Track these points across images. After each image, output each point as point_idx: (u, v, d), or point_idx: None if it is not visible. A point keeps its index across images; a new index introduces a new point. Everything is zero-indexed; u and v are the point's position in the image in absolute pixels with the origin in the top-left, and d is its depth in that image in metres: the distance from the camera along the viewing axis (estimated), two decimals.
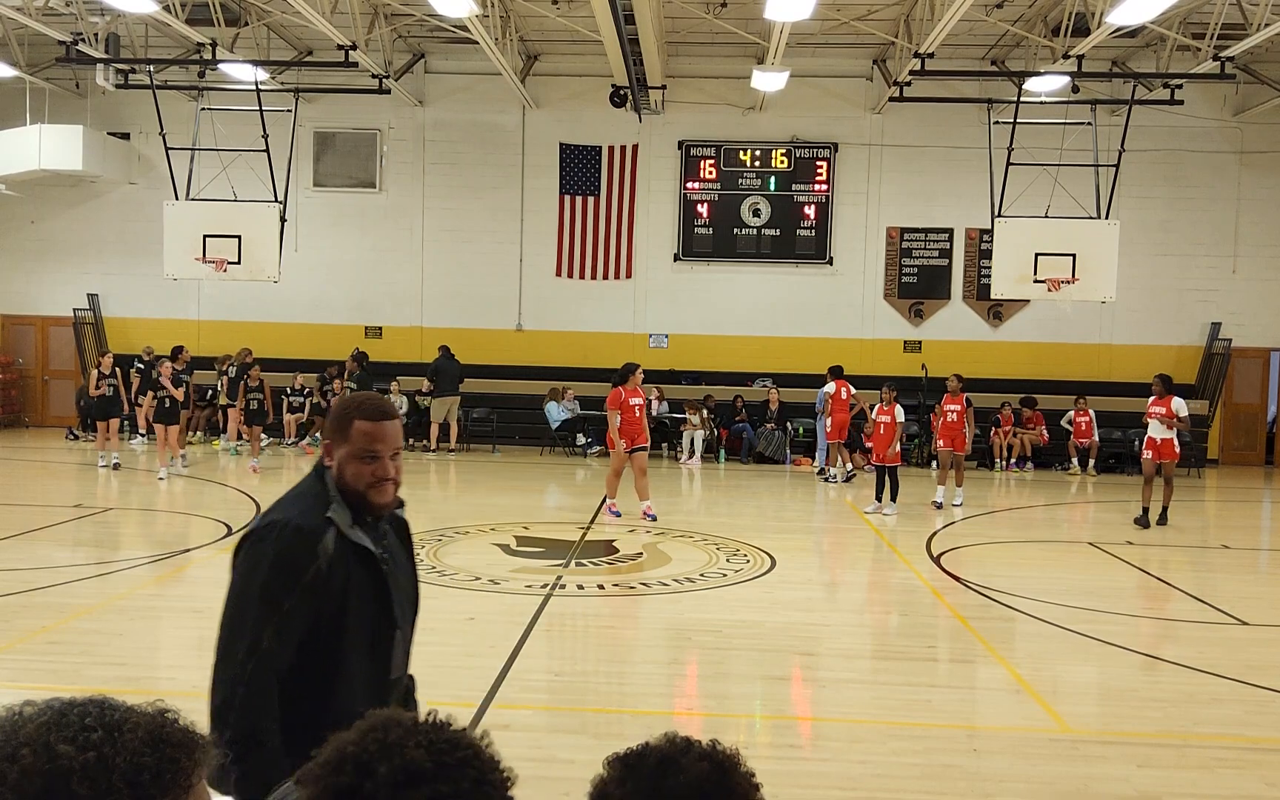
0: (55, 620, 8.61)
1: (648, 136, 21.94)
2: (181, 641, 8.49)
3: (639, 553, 11.85)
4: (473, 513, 14.64)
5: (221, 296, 21.67)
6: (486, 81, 20.92)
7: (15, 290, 22.88)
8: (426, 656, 7.89)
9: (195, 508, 14.27)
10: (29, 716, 1.01)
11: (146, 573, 10.53)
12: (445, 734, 1.25)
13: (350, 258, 22.16)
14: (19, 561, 10.53)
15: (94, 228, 22.58)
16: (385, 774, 1.18)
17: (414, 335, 21.70)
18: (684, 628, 9.11)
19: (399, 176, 22.32)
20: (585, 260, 22.14)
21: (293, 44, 20.56)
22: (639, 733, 5.88)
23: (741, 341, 21.92)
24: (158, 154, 20.20)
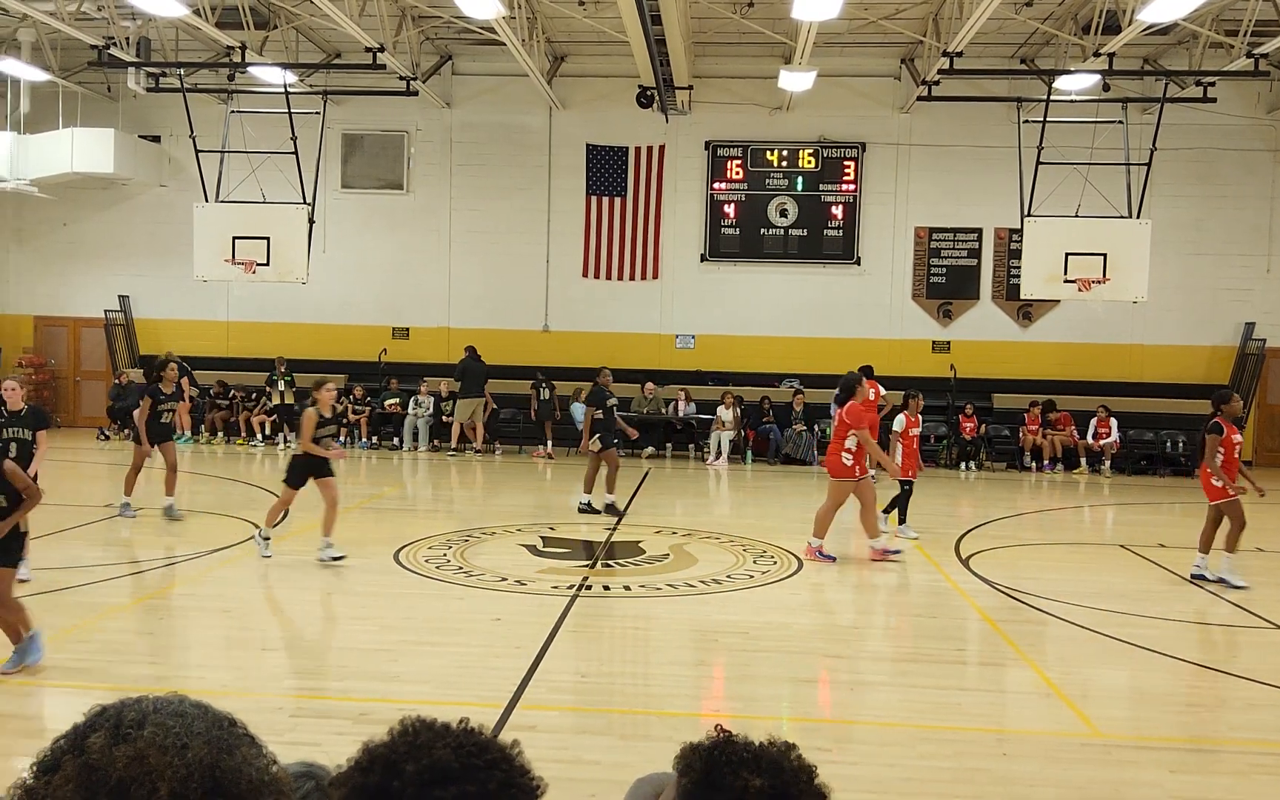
0: (86, 618, 8.68)
1: (674, 137, 21.91)
2: (210, 640, 8.54)
3: (665, 554, 11.82)
4: (499, 513, 14.66)
5: (251, 298, 21.82)
6: (513, 83, 20.96)
7: (48, 292, 23.14)
8: (453, 657, 7.96)
9: (224, 508, 14.36)
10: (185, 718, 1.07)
11: (176, 572, 10.61)
12: (474, 738, 1.26)
13: (378, 259, 22.26)
14: (51, 560, 10.62)
15: (125, 230, 22.80)
16: (412, 773, 1.19)
17: (441, 336, 21.77)
18: (710, 629, 9.08)
19: (426, 178, 22.40)
20: (612, 261, 22.15)
21: (321, 46, 20.68)
22: (665, 734, 5.92)
23: (768, 342, 21.85)
24: (188, 156, 20.37)
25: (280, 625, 8.97)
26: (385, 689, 7.08)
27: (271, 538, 11.04)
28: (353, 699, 6.89)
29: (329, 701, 6.91)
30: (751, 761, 1.46)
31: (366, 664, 7.73)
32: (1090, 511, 17.02)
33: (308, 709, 6.75)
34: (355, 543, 12.10)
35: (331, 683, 7.42)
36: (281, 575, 10.54)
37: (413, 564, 10.91)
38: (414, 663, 7.79)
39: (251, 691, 6.93)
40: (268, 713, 6.53)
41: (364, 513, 14.61)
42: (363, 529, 13.39)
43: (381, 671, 7.55)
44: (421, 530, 12.96)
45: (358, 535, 12.89)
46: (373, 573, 10.55)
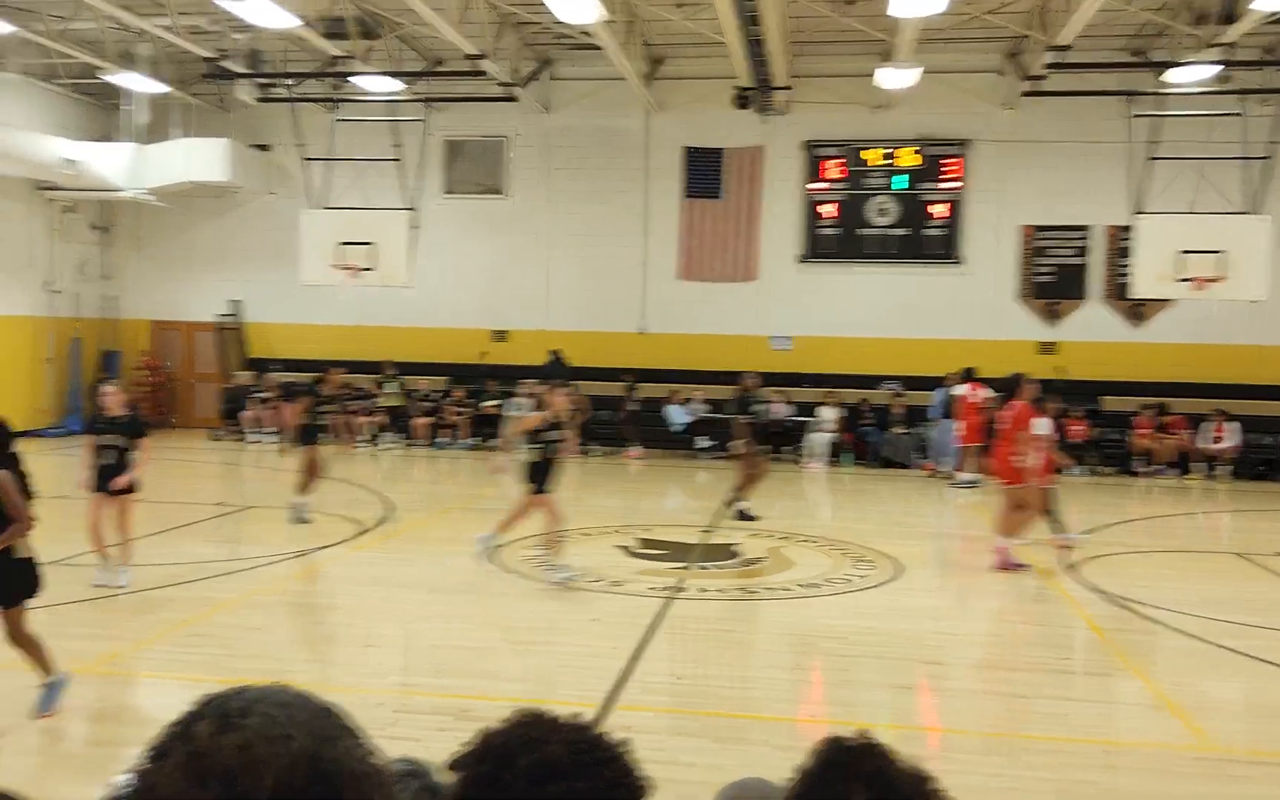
0: (197, 613, 8.98)
1: (772, 137, 21.76)
2: (315, 636, 8.77)
3: (762, 557, 11.75)
4: (595, 514, 14.74)
5: (355, 302, 22.31)
6: (611, 86, 21.06)
7: (164, 297, 24.02)
8: (551, 655, 8.02)
9: (328, 507, 14.71)
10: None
11: (282, 569, 10.90)
12: (587, 734, 1.27)
13: (478, 263, 22.58)
14: (164, 557, 11.02)
15: (236, 236, 23.54)
16: (525, 766, 1.21)
17: (539, 338, 21.97)
18: (807, 633, 8.99)
19: (525, 182, 22.65)
20: (708, 262, 22.10)
21: (423, 55, 21.07)
22: (762, 739, 5.86)
23: (867, 344, 21.54)
24: (296, 165, 20.97)
25: (382, 622, 9.16)
26: (484, 686, 7.18)
27: (495, 544, 10.58)
28: (453, 696, 6.99)
29: (430, 698, 7.02)
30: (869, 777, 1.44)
31: (466, 661, 7.84)
32: (1205, 518, 16.40)
33: (409, 705, 6.87)
34: (454, 542, 12.28)
35: (432, 679, 7.55)
36: (384, 573, 10.76)
37: (511, 563, 11.03)
38: (512, 661, 7.88)
39: (355, 687, 7.08)
40: (370, 708, 6.67)
41: (463, 512, 14.83)
42: (462, 528, 13.59)
43: (480, 669, 7.65)
44: (520, 530, 13.08)
45: (457, 534, 13.09)
46: (472, 572, 10.70)
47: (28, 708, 6.40)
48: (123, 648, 7.92)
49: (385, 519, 13.63)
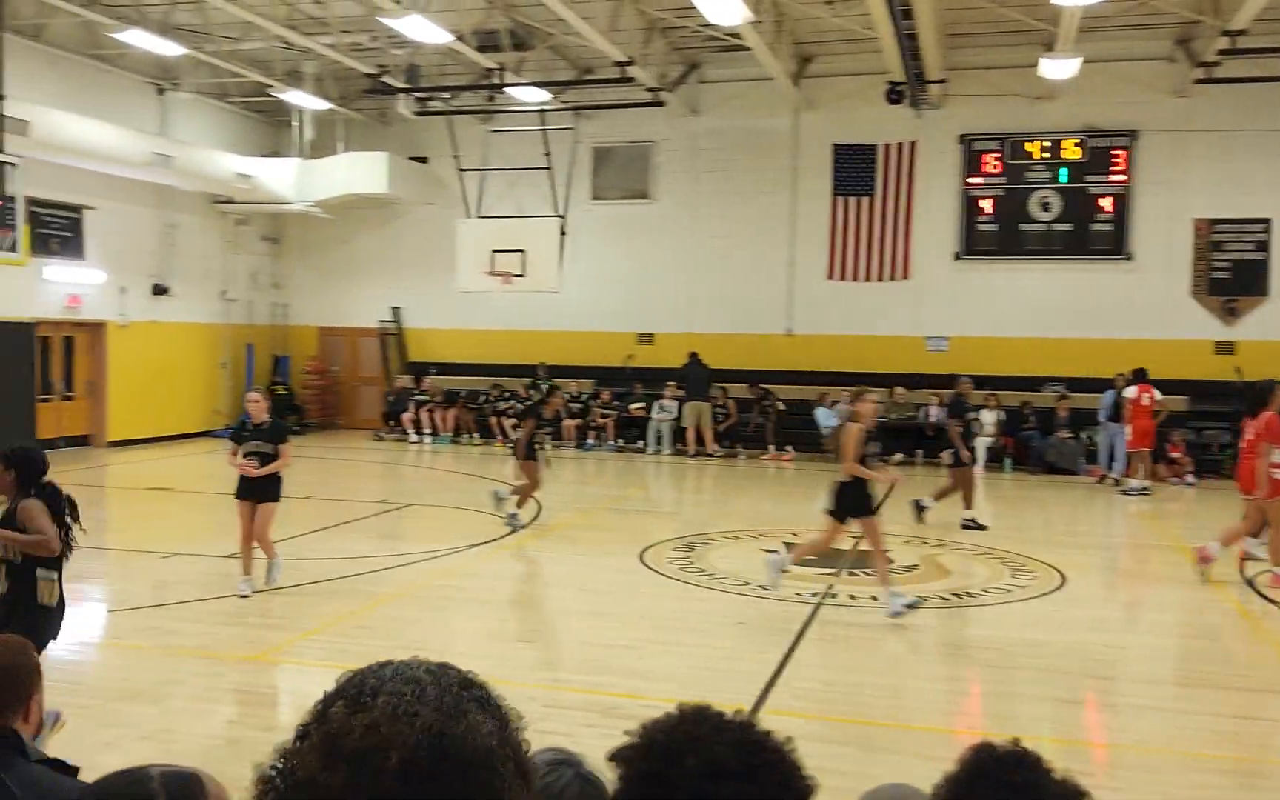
0: (360, 606, 9.31)
1: (926, 132, 21.23)
2: (471, 630, 8.96)
3: (915, 564, 11.44)
4: (741, 518, 14.65)
5: (507, 307, 22.79)
6: (759, 87, 20.92)
7: (329, 305, 25.05)
8: (696, 658, 7.98)
9: (480, 505, 15.03)
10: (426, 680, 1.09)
11: (440, 565, 11.18)
12: (753, 734, 1.26)
13: (624, 267, 22.76)
14: (331, 551, 11.46)
15: (396, 246, 24.36)
16: (692, 766, 1.20)
17: (684, 341, 21.97)
18: (963, 643, 8.71)
19: (672, 186, 22.71)
20: (859, 262, 21.70)
21: (573, 64, 21.38)
22: (914, 749, 5.67)
23: (1028, 344, 20.76)
24: (451, 175, 21.56)
25: (533, 618, 9.30)
26: (632, 685, 7.19)
27: (786, 567, 9.54)
28: (601, 693, 7.03)
29: (579, 694, 7.08)
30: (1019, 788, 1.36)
31: (614, 660, 7.88)
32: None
33: (559, 701, 6.94)
34: (602, 542, 12.40)
35: (581, 676, 7.61)
36: (534, 570, 10.94)
37: (657, 564, 11.05)
38: (659, 661, 7.88)
39: (507, 681, 7.15)
40: (521, 702, 6.67)
41: (610, 514, 14.97)
42: (610, 529, 13.72)
43: (628, 668, 7.67)
44: (665, 531, 13.12)
45: (604, 535, 13.23)
46: (619, 572, 10.77)
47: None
48: (290, 637, 8.26)
49: (535, 518, 13.85)
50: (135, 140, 19.32)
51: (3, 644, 2.83)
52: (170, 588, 9.91)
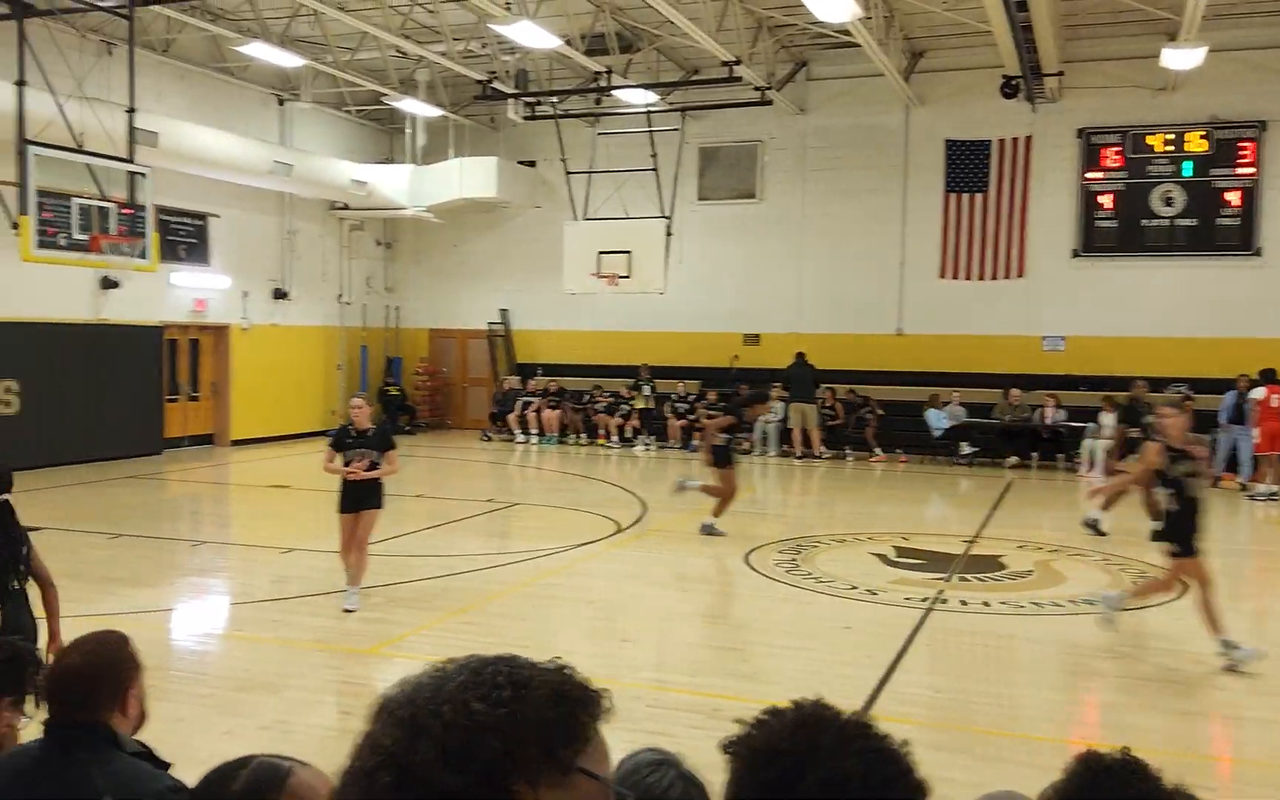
0: (470, 603, 9.47)
1: (1042, 126, 20.66)
2: (576, 629, 9.05)
3: (1029, 570, 11.15)
4: (849, 521, 14.48)
5: (613, 308, 22.94)
6: (869, 83, 20.64)
7: (441, 307, 25.57)
8: (802, 662, 7.91)
9: (585, 505, 15.17)
10: (450, 675, 1.12)
11: (546, 564, 11.31)
12: (876, 744, 1.23)
13: (730, 267, 22.68)
14: (442, 549, 11.71)
15: (504, 249, 24.73)
16: (815, 778, 1.18)
17: (791, 342, 21.79)
18: (1080, 652, 8.45)
19: (779, 185, 22.56)
20: (972, 260, 21.22)
21: (680, 65, 21.40)
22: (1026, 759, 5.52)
23: (1150, 344, 20.03)
24: (559, 178, 21.80)
25: (638, 618, 9.33)
26: (737, 687, 7.17)
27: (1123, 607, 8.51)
28: (706, 694, 7.02)
29: (683, 695, 7.08)
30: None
31: (719, 661, 7.86)
32: None
33: (663, 701, 6.96)
34: (706, 544, 12.36)
35: (686, 677, 7.61)
36: (639, 570, 10.98)
37: (762, 567, 10.99)
38: (764, 663, 7.84)
39: (611, 680, 7.22)
40: (626, 701, 6.81)
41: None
42: None
43: (733, 670, 7.65)
44: (771, 534, 13.03)
45: (709, 536, 13.19)
46: (724, 573, 10.74)
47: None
48: (402, 632, 8.45)
49: (640, 519, 13.91)
50: (258, 150, 20.04)
51: (98, 639, 2.89)
52: (289, 582, 10.25)
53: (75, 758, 2.61)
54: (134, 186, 14.33)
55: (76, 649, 2.81)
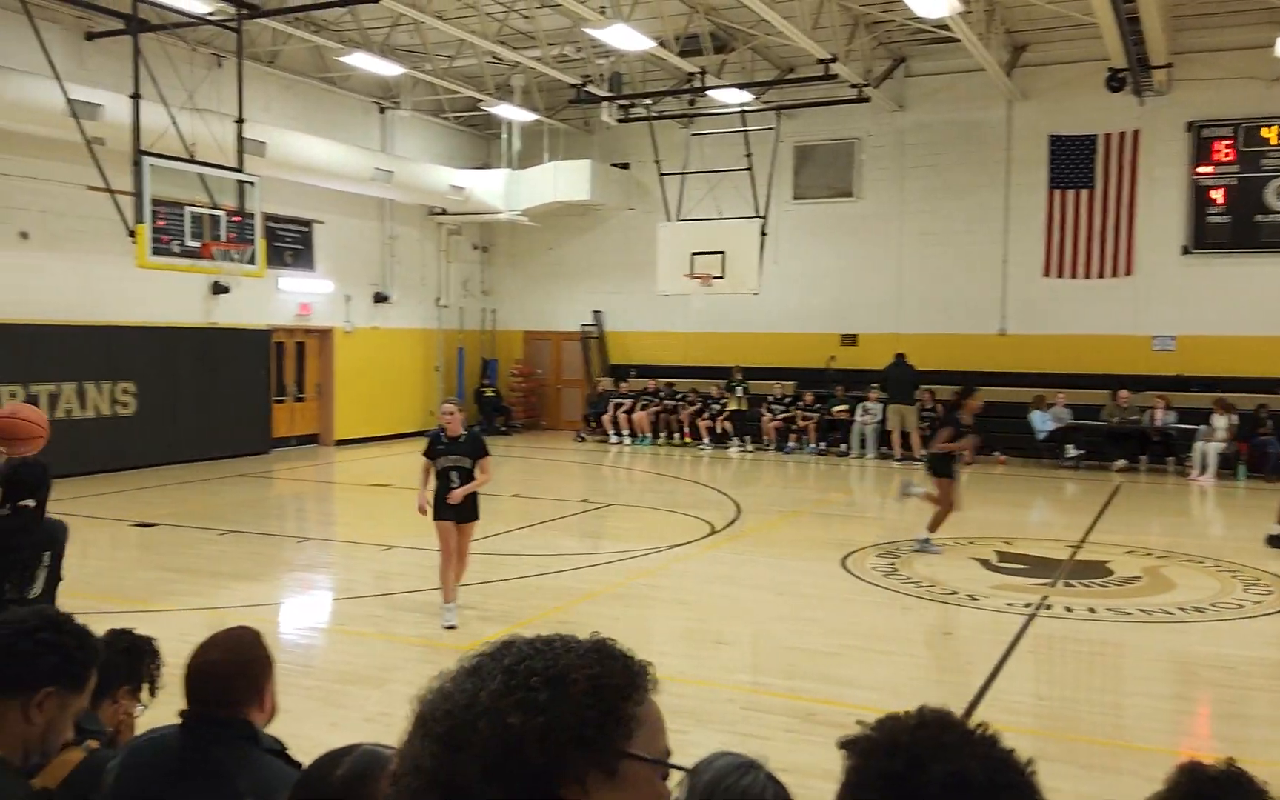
0: (563, 601, 9.56)
1: (1150, 120, 20.02)
2: (669, 630, 9.05)
3: (1137, 576, 10.81)
4: (949, 525, 14.20)
5: (706, 309, 22.92)
6: (969, 79, 20.26)
7: (535, 309, 25.85)
8: (901, 667, 7.80)
9: (677, 506, 15.17)
10: (485, 677, 1.11)
11: (639, 564, 11.34)
12: (998, 750, 1.22)
13: (827, 267, 22.46)
14: (536, 548, 11.83)
15: (598, 251, 24.89)
16: (938, 775, 1.16)
17: (890, 342, 21.49)
18: (1190, 661, 8.17)
19: (876, 183, 22.27)
20: (1077, 258, 20.66)
21: (775, 63, 21.28)
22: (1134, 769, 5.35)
23: (1266, 343, 19.24)
24: (652, 180, 21.86)
25: (732, 620, 9.30)
26: (832, 692, 7.09)
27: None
28: (800, 698, 6.97)
29: (778, 699, 7.04)
30: None
31: (814, 665, 7.79)
32: None
33: (758, 704, 6.93)
34: (803, 547, 12.27)
35: (780, 680, 7.56)
36: (733, 573, 10.94)
37: (860, 570, 10.86)
38: (861, 669, 7.74)
39: (705, 682, 7.23)
40: (720, 704, 6.80)
41: (811, 517, 14.81)
42: (811, 533, 13.58)
43: (829, 674, 7.58)
44: (868, 537, 12.88)
45: (806, 538, 13.10)
46: (821, 577, 10.64)
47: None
48: (498, 629, 8.55)
49: (735, 521, 13.86)
50: (360, 157, 20.52)
51: (237, 637, 2.90)
52: (391, 578, 10.47)
53: (215, 753, 2.63)
54: (243, 194, 14.80)
55: (216, 644, 2.83)
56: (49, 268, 16.22)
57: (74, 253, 16.52)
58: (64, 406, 16.27)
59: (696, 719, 6.20)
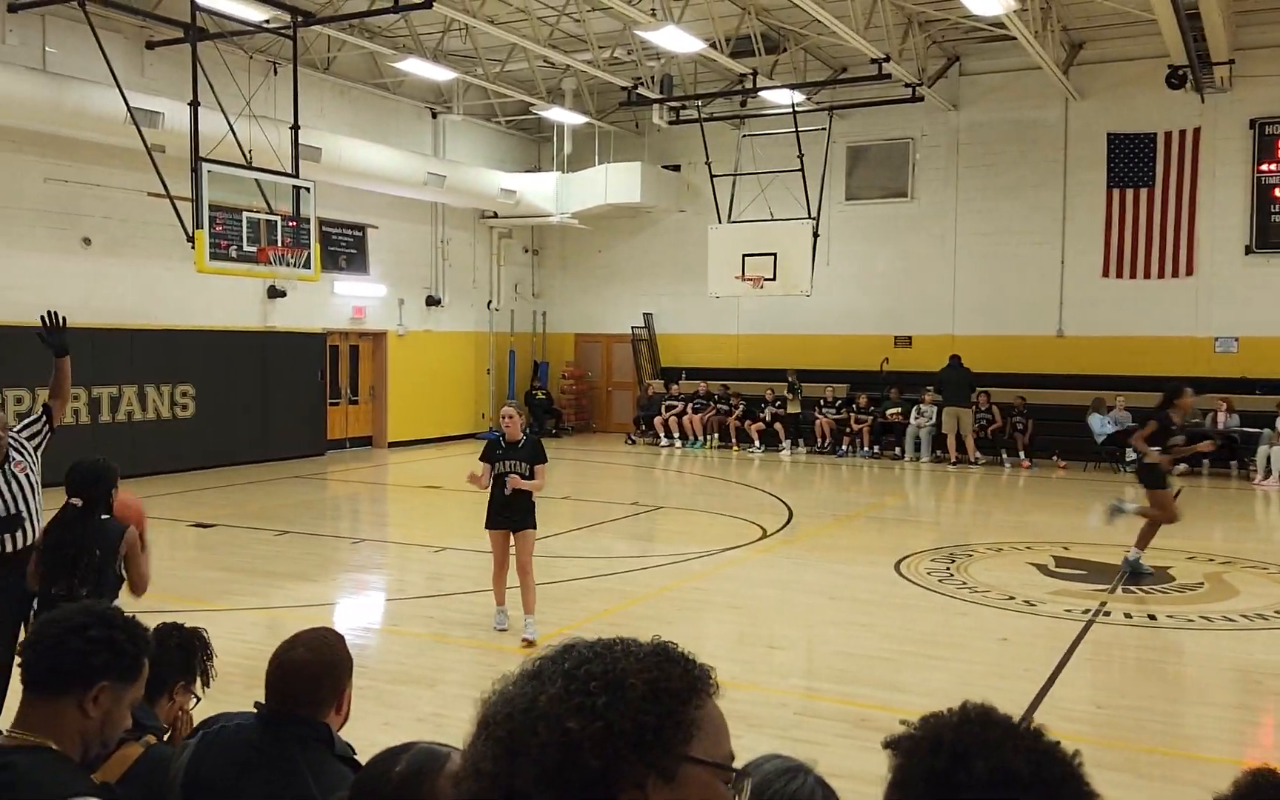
0: (615, 604, 9.56)
1: (1212, 118, 19.62)
2: (722, 634, 9.01)
3: (1199, 583, 10.58)
4: (1006, 529, 14.02)
5: (758, 312, 22.83)
6: (1025, 77, 20.00)
7: (586, 312, 25.91)
8: (956, 672, 7.70)
9: (729, 510, 15.12)
10: (545, 681, 1.12)
11: (690, 567, 11.31)
12: (1043, 743, 1.21)
13: (880, 268, 22.27)
14: (587, 550, 11.85)
15: (648, 253, 24.89)
16: (983, 771, 1.15)
17: (944, 344, 21.25)
18: (1254, 669, 7.98)
19: (931, 183, 22.04)
20: (1137, 258, 20.29)
21: (827, 63, 21.14)
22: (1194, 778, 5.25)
23: None
24: (703, 182, 21.82)
25: (785, 625, 9.24)
26: (887, 697, 7.02)
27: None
28: (854, 704, 6.91)
29: (832, 704, 6.98)
30: None
31: (868, 670, 7.72)
32: None
33: (811, 709, 6.88)
34: (857, 551, 12.17)
35: (834, 685, 7.50)
36: (786, 577, 10.88)
37: (914, 575, 10.74)
38: (916, 674, 7.65)
39: (758, 686, 7.19)
40: (773, 708, 6.75)
41: (867, 521, 14.68)
42: (865, 538, 13.46)
43: (883, 679, 7.50)
44: (923, 542, 12.74)
45: (859, 542, 13.00)
46: (875, 581, 10.54)
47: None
48: (550, 632, 8.56)
49: (787, 524, 13.78)
50: (413, 162, 20.71)
51: (322, 637, 2.87)
52: (443, 580, 10.55)
53: (292, 753, 2.63)
54: (298, 200, 14.99)
55: (301, 643, 2.81)
56: (111, 273, 16.57)
57: (135, 258, 16.86)
58: (125, 409, 16.60)
59: (748, 724, 6.16)
